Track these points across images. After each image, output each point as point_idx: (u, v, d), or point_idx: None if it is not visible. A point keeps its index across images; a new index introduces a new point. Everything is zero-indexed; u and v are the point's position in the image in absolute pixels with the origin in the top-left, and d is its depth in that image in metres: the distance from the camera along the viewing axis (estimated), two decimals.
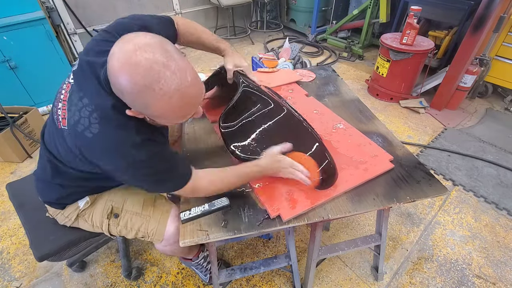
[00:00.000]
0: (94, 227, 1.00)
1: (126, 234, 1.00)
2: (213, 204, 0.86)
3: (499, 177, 1.89)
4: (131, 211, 0.98)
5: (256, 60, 2.82)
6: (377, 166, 1.00)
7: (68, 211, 0.97)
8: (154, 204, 1.00)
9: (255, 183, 0.94)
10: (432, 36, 2.86)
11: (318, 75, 1.65)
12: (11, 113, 2.03)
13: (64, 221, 1.01)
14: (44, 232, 1.04)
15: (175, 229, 0.96)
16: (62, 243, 1.01)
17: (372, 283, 1.35)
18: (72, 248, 1.06)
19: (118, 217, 0.97)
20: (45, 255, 0.99)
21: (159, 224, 0.96)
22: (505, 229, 1.58)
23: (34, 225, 1.07)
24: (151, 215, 0.97)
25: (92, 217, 0.98)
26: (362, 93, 2.84)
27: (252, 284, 1.35)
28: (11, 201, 1.18)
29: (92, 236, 1.08)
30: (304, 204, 0.87)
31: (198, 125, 1.24)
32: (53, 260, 1.04)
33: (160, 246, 1.01)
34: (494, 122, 2.42)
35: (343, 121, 1.23)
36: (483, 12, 2.03)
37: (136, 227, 0.97)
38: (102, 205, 0.97)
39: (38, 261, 0.99)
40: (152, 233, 0.97)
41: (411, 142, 2.20)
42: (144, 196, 1.01)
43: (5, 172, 1.98)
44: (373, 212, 1.51)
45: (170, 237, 0.96)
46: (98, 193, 0.99)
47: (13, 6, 2.23)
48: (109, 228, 0.98)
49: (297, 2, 3.93)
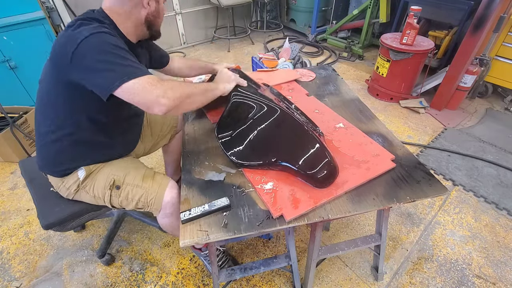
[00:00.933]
0: (95, 198, 1.08)
1: (126, 205, 1.08)
2: (213, 204, 0.86)
3: (499, 177, 1.89)
4: (132, 184, 1.06)
5: (256, 60, 2.82)
6: (379, 165, 1.00)
7: (69, 182, 1.06)
8: (153, 178, 1.08)
9: (257, 183, 0.94)
10: (432, 36, 2.86)
11: (318, 74, 1.65)
12: (11, 113, 2.03)
13: (66, 193, 1.09)
14: (50, 204, 1.14)
15: (172, 199, 1.04)
16: (66, 214, 1.11)
17: (372, 283, 1.35)
18: (75, 219, 1.16)
19: (119, 189, 1.05)
20: (51, 224, 1.08)
21: (157, 194, 1.04)
22: (505, 229, 1.58)
23: (41, 198, 1.17)
24: (150, 186, 1.05)
25: (93, 188, 1.06)
26: (362, 93, 2.84)
27: (252, 284, 1.35)
28: (22, 176, 1.30)
29: (93, 210, 1.17)
30: (307, 203, 0.87)
31: (198, 125, 1.24)
32: (57, 230, 1.14)
33: (160, 218, 1.09)
34: (494, 122, 2.42)
35: (344, 120, 1.23)
36: (483, 12, 2.03)
37: (137, 198, 1.05)
38: (104, 178, 1.05)
39: (44, 229, 1.09)
40: (151, 203, 1.05)
41: (411, 142, 2.20)
42: (144, 170, 1.10)
43: (5, 172, 1.98)
44: (373, 212, 1.51)
45: (166, 205, 1.04)
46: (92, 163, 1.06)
47: (13, 6, 2.23)
48: (111, 199, 1.06)
49: (297, 2, 3.93)
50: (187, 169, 1.02)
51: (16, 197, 1.79)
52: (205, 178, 0.98)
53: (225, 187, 0.95)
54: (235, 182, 0.96)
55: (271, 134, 1.02)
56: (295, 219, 0.84)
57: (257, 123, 1.04)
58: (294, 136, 1.00)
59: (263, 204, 0.89)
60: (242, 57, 3.59)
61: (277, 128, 1.02)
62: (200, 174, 1.00)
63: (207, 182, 0.97)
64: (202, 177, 0.99)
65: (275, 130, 1.02)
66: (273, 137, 1.01)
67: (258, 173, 0.98)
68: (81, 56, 0.79)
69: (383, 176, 0.98)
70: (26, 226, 1.62)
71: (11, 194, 1.82)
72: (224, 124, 1.10)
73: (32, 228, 1.61)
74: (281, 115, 1.04)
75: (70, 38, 0.80)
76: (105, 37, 0.81)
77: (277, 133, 1.01)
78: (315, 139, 0.98)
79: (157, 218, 1.10)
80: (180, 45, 3.90)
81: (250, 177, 0.96)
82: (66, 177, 1.05)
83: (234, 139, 1.05)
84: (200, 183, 0.96)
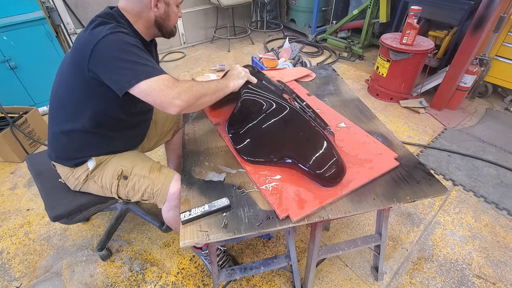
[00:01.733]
0: (103, 188, 1.11)
1: (133, 196, 1.11)
2: (213, 204, 0.86)
3: (499, 177, 1.89)
4: (139, 174, 1.09)
5: (256, 60, 2.82)
6: (382, 164, 1.00)
7: (78, 172, 1.09)
8: (160, 170, 1.11)
9: (262, 184, 0.93)
10: (432, 36, 2.86)
11: (318, 74, 1.65)
12: (11, 113, 2.03)
13: (75, 184, 1.12)
14: (58, 196, 1.17)
15: (177, 191, 1.06)
16: (73, 206, 1.14)
17: (372, 283, 1.35)
18: (83, 211, 1.18)
19: (127, 179, 1.09)
20: (58, 216, 1.11)
21: (163, 185, 1.07)
22: (505, 229, 1.58)
23: (49, 190, 1.20)
24: (157, 177, 1.09)
25: (102, 178, 1.10)
26: (362, 93, 2.84)
27: (252, 284, 1.35)
28: (29, 170, 1.32)
29: (100, 202, 1.20)
30: (312, 204, 0.86)
31: (198, 126, 1.24)
32: (65, 222, 1.16)
33: (164, 211, 1.12)
34: (494, 122, 2.42)
35: (346, 119, 1.24)
36: (483, 12, 2.03)
37: (143, 189, 1.09)
38: (112, 168, 1.09)
39: (52, 220, 1.11)
40: (156, 194, 1.08)
41: (411, 142, 2.20)
42: (151, 163, 1.14)
43: (5, 172, 1.98)
44: (373, 212, 1.51)
45: (171, 197, 1.07)
46: (102, 154, 1.09)
47: (13, 6, 2.24)
48: (118, 189, 1.10)
49: (297, 2, 3.93)
50: (187, 169, 1.02)
51: (16, 197, 1.80)
52: (205, 179, 0.98)
53: (225, 187, 0.95)
54: (235, 182, 0.96)
55: (280, 131, 1.02)
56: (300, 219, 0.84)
57: (266, 120, 1.04)
58: (303, 134, 1.00)
59: (263, 204, 0.88)
60: (242, 57, 3.59)
61: (286, 125, 1.02)
62: (200, 175, 1.00)
63: (207, 182, 0.97)
64: (202, 177, 0.99)
65: (284, 127, 1.02)
66: (282, 134, 1.02)
67: (263, 174, 0.97)
68: (99, 53, 0.83)
69: (383, 176, 0.98)
70: (26, 226, 1.62)
71: (11, 194, 1.82)
72: (234, 120, 1.10)
73: (32, 228, 1.61)
74: (290, 112, 1.04)
75: (90, 35, 0.85)
76: (123, 37, 0.86)
77: (286, 130, 1.02)
78: (323, 137, 0.98)
79: (162, 211, 1.13)
80: (180, 45, 3.90)
81: (255, 177, 0.96)
82: (77, 167, 1.09)
83: (243, 135, 1.06)
84: (200, 183, 0.96)
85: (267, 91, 1.11)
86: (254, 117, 1.07)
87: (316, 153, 0.95)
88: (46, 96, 2.51)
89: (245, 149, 1.04)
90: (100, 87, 0.89)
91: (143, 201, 1.12)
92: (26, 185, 1.88)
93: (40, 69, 2.38)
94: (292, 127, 1.02)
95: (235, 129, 1.09)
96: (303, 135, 1.00)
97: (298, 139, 1.00)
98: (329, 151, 0.95)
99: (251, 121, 1.06)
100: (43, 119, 2.27)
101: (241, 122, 1.09)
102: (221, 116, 1.24)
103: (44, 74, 2.41)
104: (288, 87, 1.34)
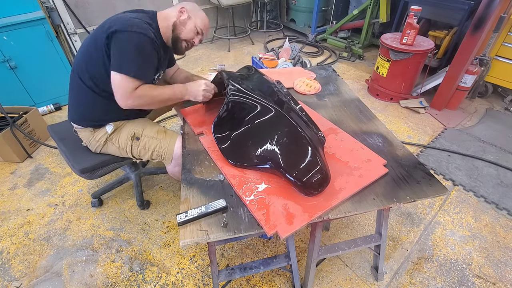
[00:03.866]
0: (120, 149, 1.31)
1: (144, 155, 1.31)
2: (209, 206, 0.85)
3: (499, 177, 1.89)
4: (149, 136, 1.29)
5: (256, 60, 2.81)
6: (371, 171, 0.97)
7: (99, 135, 1.28)
8: (165, 132, 1.31)
9: (248, 195, 0.89)
10: (432, 36, 2.86)
11: (318, 74, 1.65)
12: (11, 113, 2.03)
13: (96, 146, 1.31)
14: (82, 155, 1.35)
15: (181, 151, 1.16)
16: (96, 161, 1.32)
17: (372, 283, 1.35)
18: (104, 167, 1.36)
19: (139, 140, 1.29)
20: (84, 169, 1.29)
21: (169, 145, 1.27)
22: (505, 229, 1.58)
23: (73, 151, 1.37)
24: (163, 138, 1.28)
25: (118, 140, 1.30)
26: (362, 93, 2.84)
27: (252, 284, 1.35)
28: (52, 137, 1.49)
29: (118, 160, 1.39)
30: (302, 218, 0.82)
31: None
32: (88, 176, 1.33)
33: (170, 168, 1.32)
34: (494, 122, 2.42)
35: (333, 125, 1.21)
36: (483, 12, 2.03)
37: (152, 148, 1.28)
38: (127, 131, 1.29)
39: (79, 173, 1.29)
40: (164, 153, 1.28)
41: (411, 142, 2.20)
42: (158, 126, 1.34)
43: (5, 172, 1.98)
44: (373, 212, 1.51)
45: (177, 156, 1.25)
46: (118, 120, 1.29)
47: (13, 6, 2.23)
48: (132, 149, 1.30)
49: (297, 2, 3.93)
50: (187, 168, 1.02)
51: (16, 197, 1.80)
52: (205, 178, 0.98)
53: (225, 186, 0.95)
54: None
55: (262, 134, 1.00)
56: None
57: (249, 122, 1.04)
58: (286, 139, 0.96)
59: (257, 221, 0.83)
60: (242, 57, 3.59)
61: (270, 128, 1.00)
62: (200, 174, 1.00)
63: (207, 181, 0.97)
64: (202, 177, 0.99)
65: (267, 130, 1.00)
66: (264, 137, 0.99)
67: (248, 188, 0.92)
68: (117, 38, 1.03)
69: (383, 176, 0.98)
70: (26, 226, 1.62)
71: (11, 194, 1.82)
72: (220, 122, 1.10)
73: (32, 228, 1.61)
74: (275, 116, 1.02)
75: (120, 21, 1.05)
76: (144, 40, 1.05)
77: (269, 134, 0.99)
78: (308, 143, 0.94)
79: (168, 168, 1.34)
80: None
81: (239, 192, 0.91)
82: (97, 130, 1.28)
83: (226, 138, 1.07)
84: (200, 182, 0.97)
85: (255, 93, 1.10)
86: (238, 119, 1.07)
87: (297, 159, 0.91)
88: (46, 96, 2.51)
89: (229, 151, 1.03)
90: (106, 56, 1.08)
91: (152, 160, 1.32)
92: (26, 185, 1.88)
93: (40, 69, 2.38)
94: (275, 131, 0.99)
95: (220, 131, 1.09)
96: (287, 139, 0.96)
97: (280, 143, 0.96)
98: (312, 159, 0.90)
99: (235, 124, 1.07)
100: (43, 119, 2.27)
101: (224, 124, 1.09)
102: (203, 126, 1.23)
103: (44, 74, 2.41)
104: (284, 89, 1.34)
